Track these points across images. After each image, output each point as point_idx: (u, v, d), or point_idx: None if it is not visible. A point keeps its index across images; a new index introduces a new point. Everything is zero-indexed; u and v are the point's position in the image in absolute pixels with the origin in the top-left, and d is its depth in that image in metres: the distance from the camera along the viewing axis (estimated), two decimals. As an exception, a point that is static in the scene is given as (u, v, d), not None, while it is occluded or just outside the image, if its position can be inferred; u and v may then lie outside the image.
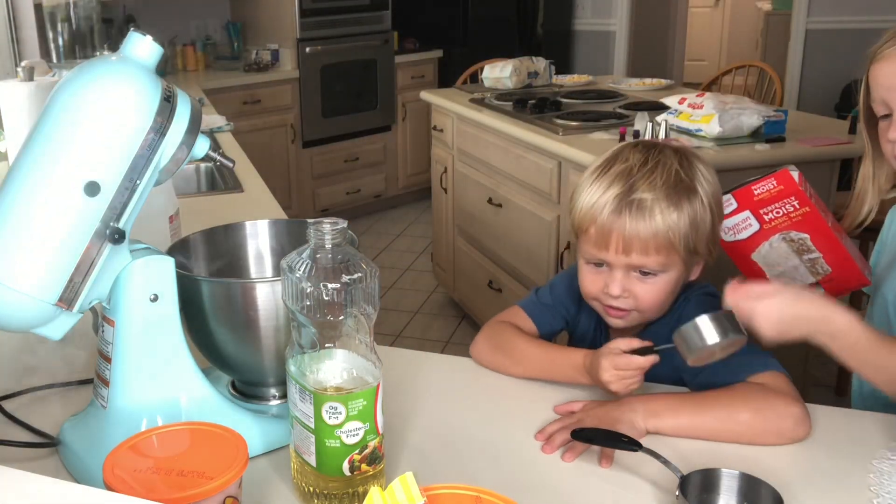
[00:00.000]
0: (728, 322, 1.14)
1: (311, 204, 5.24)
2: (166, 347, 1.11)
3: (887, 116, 1.32)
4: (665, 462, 1.05)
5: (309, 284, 0.97)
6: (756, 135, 2.82)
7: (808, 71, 5.41)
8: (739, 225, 1.39)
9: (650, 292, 1.31)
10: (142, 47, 1.02)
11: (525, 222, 3.21)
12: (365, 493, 1.00)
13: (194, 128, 1.05)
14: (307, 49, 5.03)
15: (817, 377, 3.18)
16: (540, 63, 4.02)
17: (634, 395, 1.23)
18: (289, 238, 1.36)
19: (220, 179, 2.68)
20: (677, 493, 0.99)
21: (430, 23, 5.81)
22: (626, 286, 1.31)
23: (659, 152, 1.32)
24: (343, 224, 0.99)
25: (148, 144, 1.00)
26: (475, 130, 3.56)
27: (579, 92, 3.83)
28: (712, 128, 2.76)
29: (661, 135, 2.74)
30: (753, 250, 1.41)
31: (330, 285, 0.97)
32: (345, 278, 0.97)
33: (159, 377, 1.11)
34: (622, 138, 2.72)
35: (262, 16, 5.25)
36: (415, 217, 5.52)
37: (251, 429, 1.13)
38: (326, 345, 1.01)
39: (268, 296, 1.14)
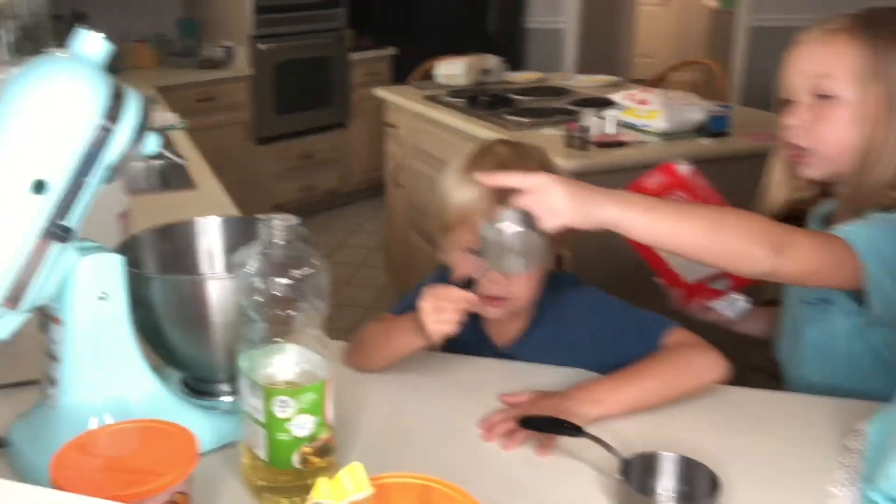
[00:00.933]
0: (521, 217, 1.13)
1: (266, 201, 5.21)
2: (115, 346, 1.10)
3: (789, 103, 1.37)
4: (607, 447, 1.08)
5: (259, 280, 0.98)
6: (701, 130, 2.90)
7: (754, 67, 5.49)
8: None
9: (524, 278, 1.33)
10: (90, 44, 1.02)
11: (478, 218, 3.23)
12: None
13: (144, 125, 1.04)
14: (261, 46, 5.00)
15: (757, 363, 3.25)
16: (492, 60, 4.06)
17: (576, 386, 1.26)
18: (240, 235, 1.36)
19: (172, 178, 2.66)
20: (619, 476, 1.02)
21: (385, 20, 5.81)
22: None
23: (523, 147, 1.39)
24: (294, 221, 1.00)
25: (96, 142, 0.99)
26: (428, 127, 3.57)
27: (530, 89, 3.86)
28: (658, 123, 2.82)
29: (608, 130, 2.79)
30: None
31: (280, 281, 0.98)
32: (294, 274, 0.98)
33: (108, 376, 1.10)
34: (570, 134, 2.76)
35: (216, 13, 5.21)
36: (370, 214, 5.51)
37: (202, 425, 1.12)
38: (277, 340, 1.02)
39: (218, 292, 1.15)
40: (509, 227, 1.12)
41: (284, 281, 0.98)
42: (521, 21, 6.09)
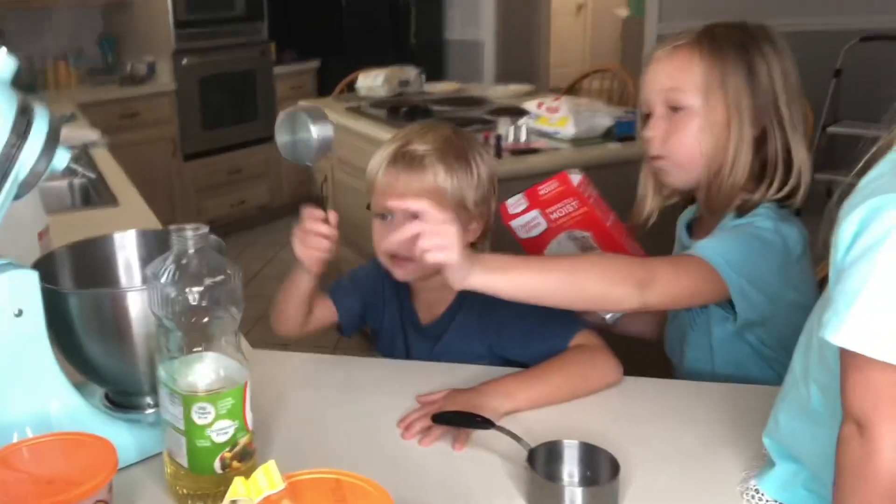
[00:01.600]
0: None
1: (196, 217, 5.16)
2: (34, 362, 1.11)
3: (650, 116, 1.45)
4: (515, 437, 1.13)
5: (173, 290, 1.00)
6: (609, 135, 3.01)
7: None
8: (530, 223, 1.49)
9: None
10: (-4, 62, 1.03)
11: (404, 226, 3.27)
12: None
13: (53, 140, 1.05)
14: (184, 61, 4.97)
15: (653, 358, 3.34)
16: (411, 72, 4.12)
17: (489, 382, 1.31)
18: (158, 248, 1.36)
19: (94, 195, 2.64)
20: (525, 464, 1.07)
21: (307, 33, 5.82)
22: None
23: (435, 124, 1.49)
24: (204, 229, 1.02)
25: (4, 158, 1.00)
26: (352, 138, 3.60)
27: (449, 99, 3.95)
28: (568, 129, 2.93)
29: (522, 138, 2.87)
30: (545, 247, 1.50)
31: (194, 289, 1.00)
32: (207, 282, 1.00)
33: (28, 392, 1.11)
34: (486, 142, 2.83)
35: (136, 28, 5.16)
36: (301, 227, 5.51)
37: (125, 438, 1.14)
38: (195, 349, 1.04)
39: (137, 305, 1.15)
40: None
41: (198, 289, 0.99)
42: (442, 33, 6.17)
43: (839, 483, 0.85)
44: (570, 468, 1.11)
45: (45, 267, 1.20)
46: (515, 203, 1.50)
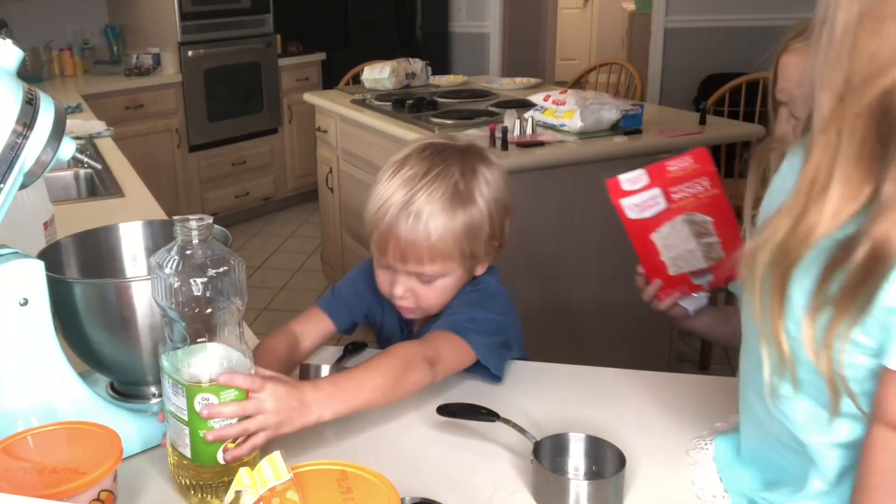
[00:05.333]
0: None
1: (200, 209, 5.17)
2: (39, 351, 1.11)
3: (786, 104, 1.42)
4: (521, 430, 1.13)
5: (177, 280, 1.00)
6: (615, 128, 2.99)
7: (668, 67, 5.65)
8: (647, 202, 1.39)
9: (430, 295, 1.37)
10: (1, 52, 1.03)
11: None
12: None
13: (59, 130, 1.05)
14: (189, 53, 4.96)
15: (682, 353, 3.36)
16: (417, 64, 4.11)
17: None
18: (163, 238, 1.37)
19: (100, 186, 2.65)
20: (531, 457, 1.07)
21: (313, 26, 5.81)
22: (409, 287, 1.36)
23: (444, 160, 1.35)
24: (208, 220, 1.02)
25: (10, 147, 1.01)
26: (357, 130, 3.60)
27: (454, 91, 3.93)
28: (574, 122, 2.92)
29: (528, 130, 2.86)
30: (655, 230, 1.42)
31: (198, 280, 1.00)
32: (211, 272, 1.00)
33: (33, 381, 1.11)
34: (492, 135, 2.82)
35: (142, 19, 5.15)
36: (304, 218, 5.51)
37: (129, 428, 1.14)
38: (198, 339, 1.04)
39: (142, 295, 1.16)
40: None
41: (202, 279, 1.00)
42: (447, 25, 6.16)
43: (870, 484, 0.86)
44: (576, 461, 1.11)
45: (51, 257, 1.21)
46: (633, 179, 1.39)
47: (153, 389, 1.27)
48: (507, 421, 1.15)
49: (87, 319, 1.18)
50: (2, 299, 1.07)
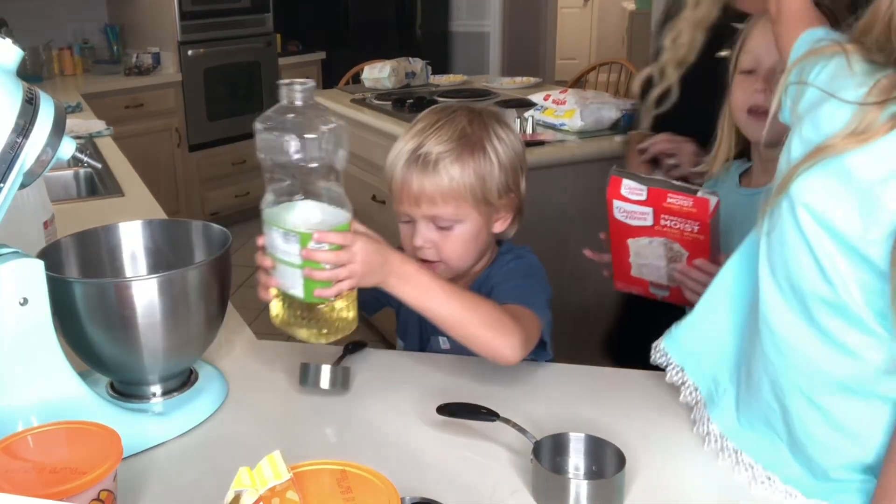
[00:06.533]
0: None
1: (200, 208, 5.17)
2: (39, 351, 1.11)
3: (751, 72, 1.48)
4: (521, 430, 1.13)
5: (281, 138, 1.09)
6: (615, 127, 3.00)
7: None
8: (636, 214, 1.42)
9: (450, 245, 1.40)
10: (1, 51, 1.03)
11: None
12: (342, 319, 1.21)
13: (59, 130, 1.05)
14: (189, 52, 4.96)
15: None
16: (417, 63, 4.11)
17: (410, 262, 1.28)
18: (163, 238, 1.38)
19: (99, 185, 2.65)
20: (531, 457, 1.07)
21: (313, 25, 5.81)
22: (428, 237, 1.39)
23: (451, 112, 1.42)
24: (311, 83, 1.11)
25: (10, 147, 1.01)
26: (357, 130, 3.60)
27: (454, 91, 3.94)
28: (575, 122, 2.93)
29: (528, 130, 2.86)
30: (633, 237, 1.46)
31: (305, 136, 1.09)
32: (323, 128, 1.09)
33: (33, 380, 1.11)
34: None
35: (141, 19, 5.15)
36: (305, 218, 5.51)
37: (130, 427, 1.13)
38: (299, 194, 1.15)
39: (142, 295, 1.16)
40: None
41: (309, 136, 1.09)
42: (448, 25, 6.16)
43: None
44: (576, 461, 1.11)
45: (51, 256, 1.20)
46: (633, 189, 1.41)
47: (153, 389, 1.26)
48: (507, 421, 1.15)
49: (87, 319, 1.17)
50: (2, 299, 1.07)
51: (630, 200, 1.42)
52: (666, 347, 1.24)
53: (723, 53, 1.63)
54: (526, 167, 1.46)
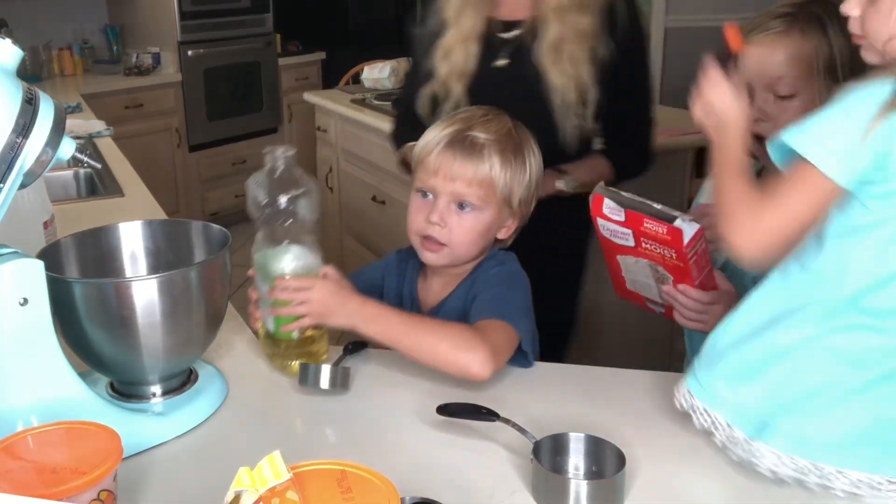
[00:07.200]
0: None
1: (200, 208, 5.17)
2: (39, 351, 1.11)
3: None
4: (520, 429, 1.13)
5: (265, 196, 1.29)
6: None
7: (669, 66, 5.63)
8: (618, 233, 1.40)
9: (464, 226, 1.41)
10: (1, 51, 1.03)
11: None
12: (308, 353, 1.37)
13: (58, 130, 1.05)
14: (189, 52, 4.96)
15: (682, 352, 3.34)
16: (417, 63, 4.10)
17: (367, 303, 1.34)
18: (163, 238, 1.38)
19: (99, 185, 2.65)
20: (531, 457, 1.07)
21: (312, 25, 5.81)
22: (445, 216, 1.41)
23: (497, 113, 1.47)
24: (292, 151, 1.31)
25: (10, 147, 1.01)
26: (357, 130, 3.60)
27: (454, 90, 3.92)
28: None
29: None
30: (622, 254, 1.45)
31: (283, 197, 1.29)
32: (295, 192, 1.29)
33: (33, 380, 1.11)
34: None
35: (141, 19, 5.15)
36: (305, 218, 5.51)
37: (130, 427, 1.13)
38: (285, 241, 1.33)
39: (142, 294, 1.16)
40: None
41: (284, 197, 1.29)
42: (447, 24, 6.15)
43: None
44: (576, 461, 1.11)
45: (51, 256, 1.21)
46: (613, 209, 1.39)
47: (153, 389, 1.27)
48: (507, 421, 1.15)
49: (87, 319, 1.17)
50: (2, 299, 1.07)
51: (611, 220, 1.40)
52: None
53: (499, 63, 1.82)
54: (537, 194, 1.50)
